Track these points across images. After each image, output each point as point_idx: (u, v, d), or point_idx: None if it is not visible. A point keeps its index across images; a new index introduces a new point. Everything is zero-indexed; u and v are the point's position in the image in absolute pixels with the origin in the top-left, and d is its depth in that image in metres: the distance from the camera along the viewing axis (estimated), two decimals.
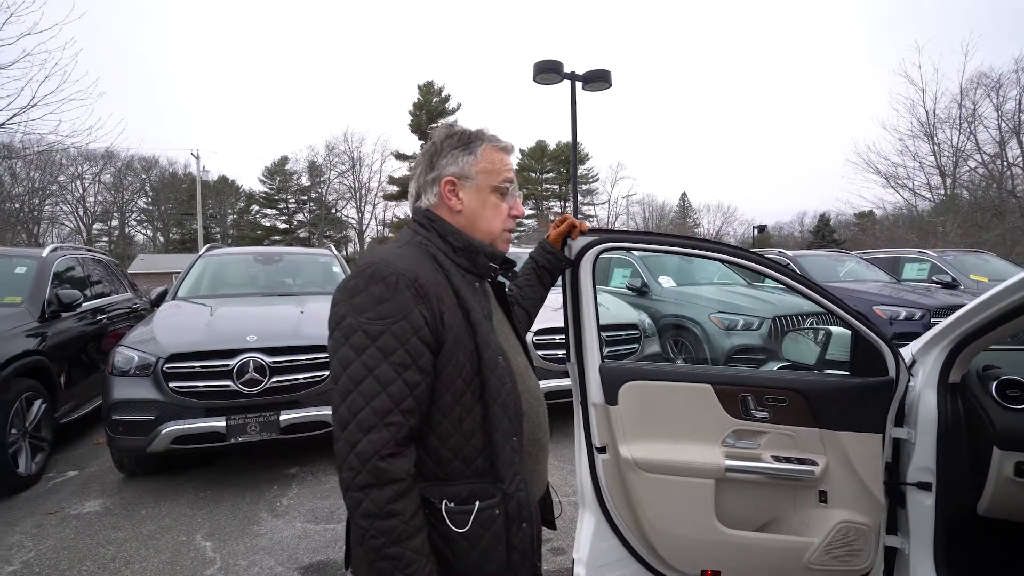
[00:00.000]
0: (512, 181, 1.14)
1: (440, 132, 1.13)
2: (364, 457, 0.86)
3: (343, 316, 0.93)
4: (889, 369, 1.63)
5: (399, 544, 0.88)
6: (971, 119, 21.01)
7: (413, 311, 0.92)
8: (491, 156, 1.11)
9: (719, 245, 1.66)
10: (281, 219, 49.16)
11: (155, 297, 4.68)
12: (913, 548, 1.64)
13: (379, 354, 0.89)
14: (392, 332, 0.90)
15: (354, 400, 0.88)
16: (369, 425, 0.87)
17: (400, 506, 0.88)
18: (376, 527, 0.87)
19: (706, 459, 1.65)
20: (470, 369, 0.98)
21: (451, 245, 1.07)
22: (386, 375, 0.89)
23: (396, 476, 0.88)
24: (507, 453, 1.00)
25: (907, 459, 1.66)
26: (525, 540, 1.01)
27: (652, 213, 51.64)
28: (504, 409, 1.00)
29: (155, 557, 2.71)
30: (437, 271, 1.01)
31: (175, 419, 3.27)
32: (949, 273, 7.46)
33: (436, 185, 1.09)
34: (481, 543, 0.97)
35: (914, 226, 22.31)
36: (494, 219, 1.12)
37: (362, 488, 0.87)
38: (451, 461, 0.98)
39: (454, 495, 0.97)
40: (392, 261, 0.95)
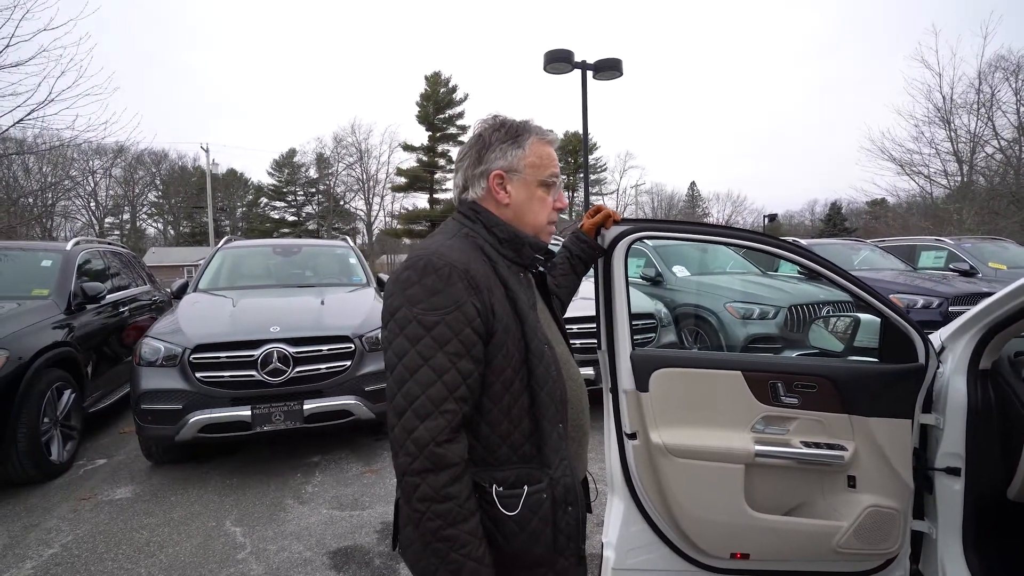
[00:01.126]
0: (558, 175, 1.15)
1: (487, 124, 1.13)
2: (421, 443, 0.89)
3: (397, 307, 0.95)
4: (919, 356, 1.64)
5: (454, 526, 0.91)
6: (989, 104, 20.58)
7: (466, 302, 0.94)
8: (539, 150, 1.12)
9: (748, 233, 1.67)
10: (290, 211, 49.42)
11: (176, 289, 4.75)
12: (941, 532, 1.66)
13: (434, 344, 0.91)
14: (446, 322, 0.92)
15: (410, 389, 0.91)
16: (426, 413, 0.90)
17: (455, 490, 0.91)
18: (433, 510, 0.90)
19: (736, 445, 1.67)
20: (518, 358, 1.00)
21: (496, 237, 1.08)
22: (441, 364, 0.91)
23: (452, 461, 0.91)
24: (554, 439, 1.02)
25: (935, 445, 1.67)
26: (571, 523, 1.04)
27: (661, 202, 51.35)
28: (551, 396, 1.02)
29: (187, 541, 2.79)
30: (485, 263, 1.03)
31: (202, 408, 3.34)
32: (967, 261, 7.38)
33: (484, 179, 1.10)
34: (529, 526, 0.99)
35: (928, 213, 21.99)
36: (540, 212, 1.13)
37: (419, 473, 0.90)
38: (500, 447, 1.01)
39: (503, 480, 1.00)
40: (444, 253, 0.97)
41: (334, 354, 3.64)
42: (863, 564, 1.74)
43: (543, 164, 1.12)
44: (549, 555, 1.02)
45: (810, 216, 50.53)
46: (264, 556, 2.65)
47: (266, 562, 2.60)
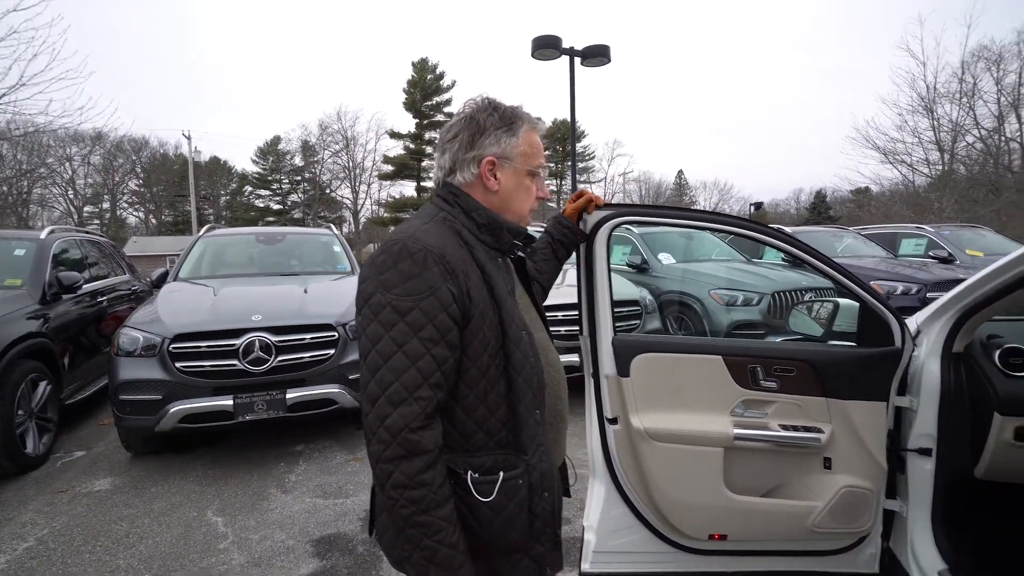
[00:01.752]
0: (544, 165, 1.14)
1: (480, 107, 1.11)
2: (394, 430, 0.89)
3: (372, 293, 0.94)
4: (895, 339, 1.66)
5: (428, 512, 0.91)
6: (971, 93, 20.88)
7: (441, 287, 0.93)
8: (530, 138, 1.11)
9: (732, 218, 1.67)
10: (275, 200, 48.72)
11: (156, 278, 4.66)
12: (911, 511, 1.70)
13: (408, 330, 0.91)
14: (421, 308, 0.91)
15: (384, 375, 0.90)
16: (399, 399, 0.89)
17: (429, 476, 0.91)
18: (406, 496, 0.90)
19: (716, 428, 1.68)
20: (495, 344, 1.00)
21: (475, 221, 1.07)
22: (415, 350, 0.90)
23: (425, 448, 0.90)
24: (531, 425, 1.02)
25: (909, 426, 1.70)
26: (547, 509, 1.05)
27: (649, 190, 51.44)
28: (528, 383, 1.02)
29: (168, 532, 2.76)
30: (462, 247, 1.02)
31: (182, 398, 3.30)
32: (945, 248, 7.49)
33: (475, 164, 1.08)
34: (505, 511, 0.99)
35: (910, 202, 22.34)
36: (526, 201, 1.13)
37: (392, 460, 0.89)
38: (476, 433, 1.00)
39: (478, 466, 1.00)
40: (420, 237, 0.96)
41: (317, 342, 3.60)
42: (837, 542, 1.77)
43: (533, 153, 1.11)
44: (525, 541, 1.02)
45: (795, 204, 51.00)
46: (246, 545, 2.63)
47: (248, 551, 2.58)
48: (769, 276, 5.61)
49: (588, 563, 1.78)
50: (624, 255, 6.73)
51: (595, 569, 1.79)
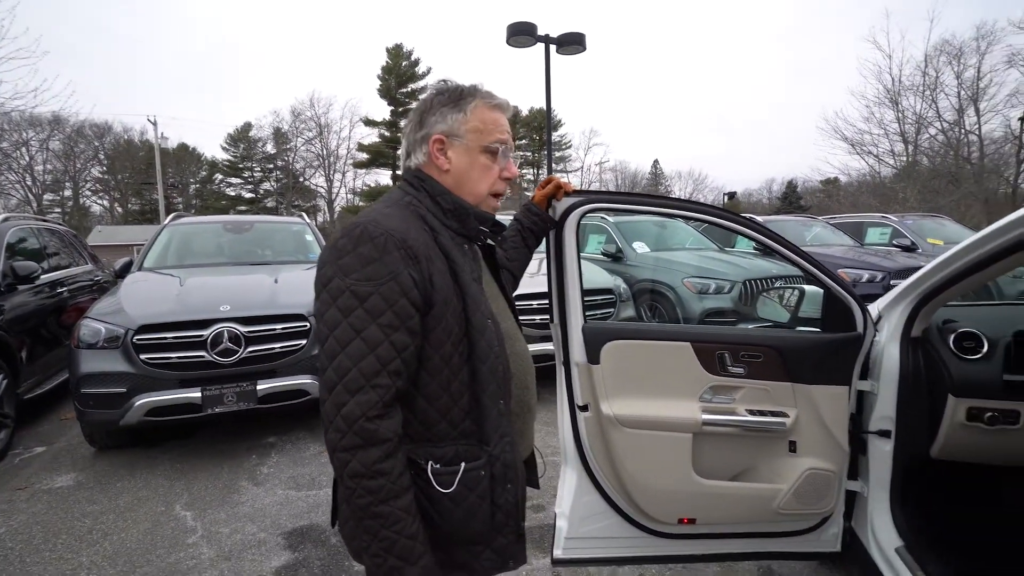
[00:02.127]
0: (504, 142, 1.10)
1: (433, 88, 1.10)
2: (351, 419, 0.87)
3: (330, 277, 0.91)
4: (857, 325, 1.70)
5: (386, 503, 0.89)
6: (933, 86, 21.53)
7: (402, 272, 0.91)
8: (483, 115, 1.07)
9: (701, 206, 1.68)
10: (247, 188, 47.51)
11: (119, 268, 4.51)
12: (871, 491, 1.76)
13: (367, 316, 0.89)
14: (380, 293, 0.89)
15: (341, 362, 0.88)
16: (356, 387, 0.87)
17: (387, 466, 0.89)
18: (363, 486, 0.88)
19: (684, 414, 1.70)
20: (459, 331, 0.98)
21: (441, 206, 1.05)
22: (374, 337, 0.88)
23: (384, 437, 0.88)
24: (494, 416, 1.01)
25: (870, 409, 1.75)
26: (510, 500, 1.03)
27: (625, 180, 51.74)
28: (492, 372, 1.00)
29: (134, 528, 2.69)
30: (426, 232, 0.99)
31: (148, 391, 3.21)
32: (908, 237, 7.73)
33: (425, 144, 1.06)
34: (466, 503, 0.98)
35: (876, 192, 22.98)
36: (481, 180, 1.09)
37: (349, 449, 0.88)
38: (438, 422, 0.99)
39: (440, 456, 0.99)
40: (381, 221, 0.93)
41: (288, 333, 3.54)
42: (801, 523, 1.82)
43: (487, 129, 1.07)
44: (487, 532, 1.02)
45: (768, 194, 51.94)
46: (216, 539, 2.59)
47: (218, 545, 2.54)
48: (740, 264, 5.71)
49: (560, 549, 1.80)
50: (599, 244, 6.77)
51: (567, 555, 1.80)
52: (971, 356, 1.66)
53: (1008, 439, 1.64)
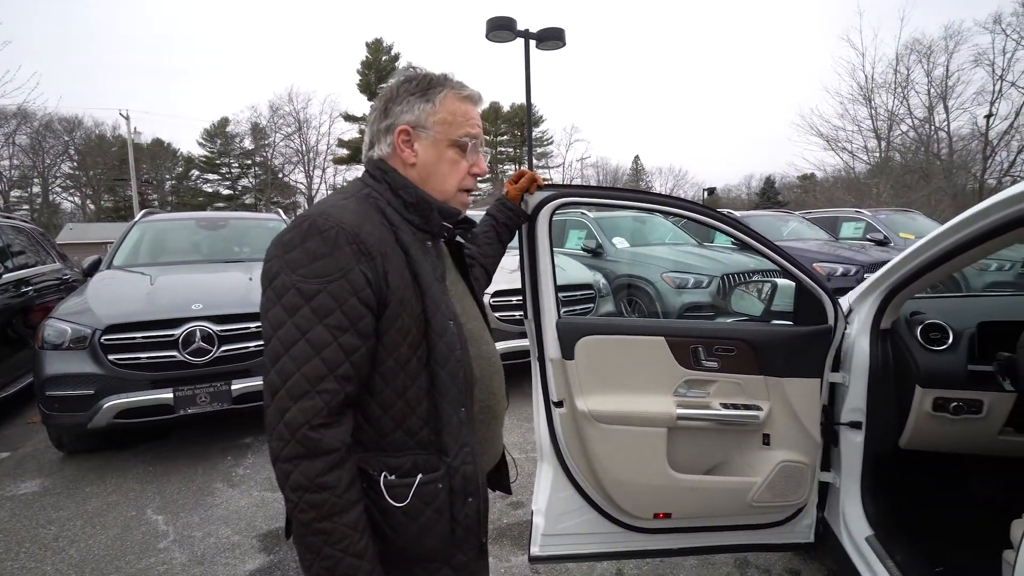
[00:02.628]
0: (475, 136, 1.04)
1: (399, 75, 1.04)
2: (294, 427, 0.81)
3: (276, 273, 0.85)
4: (829, 318, 1.72)
5: (330, 519, 0.83)
6: (905, 84, 22.05)
7: (353, 269, 0.85)
8: (452, 106, 1.01)
9: (673, 199, 1.68)
10: (224, 184, 46.67)
11: (87, 267, 4.38)
12: (843, 482, 1.78)
13: (313, 316, 0.82)
14: (329, 291, 0.83)
15: (285, 365, 0.82)
16: (300, 392, 0.81)
17: (332, 478, 0.83)
18: (306, 500, 0.82)
19: (659, 409, 1.70)
20: (416, 334, 0.92)
21: (403, 200, 0.98)
22: (320, 338, 0.82)
23: (329, 447, 0.82)
24: (454, 424, 0.95)
25: (841, 401, 1.77)
26: (471, 515, 0.97)
27: (606, 176, 51.97)
28: (452, 377, 0.94)
29: (102, 534, 2.62)
30: (384, 227, 0.93)
31: (117, 393, 3.12)
32: (881, 231, 7.89)
33: (390, 134, 1.00)
34: (421, 517, 0.93)
35: (851, 187, 23.45)
36: (450, 176, 1.03)
37: (291, 459, 0.81)
38: (394, 431, 0.92)
39: (396, 467, 0.92)
40: (333, 214, 0.87)
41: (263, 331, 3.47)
42: (775, 515, 1.84)
43: (456, 122, 1.01)
44: (444, 549, 0.96)
45: (747, 190, 52.59)
46: (188, 543, 2.53)
47: (190, 549, 2.48)
48: (719, 259, 5.77)
49: (537, 547, 1.79)
50: (579, 239, 6.78)
51: (544, 552, 1.79)
52: (937, 347, 1.69)
53: (972, 428, 1.67)
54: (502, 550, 2.43)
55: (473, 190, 1.10)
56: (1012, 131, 19.89)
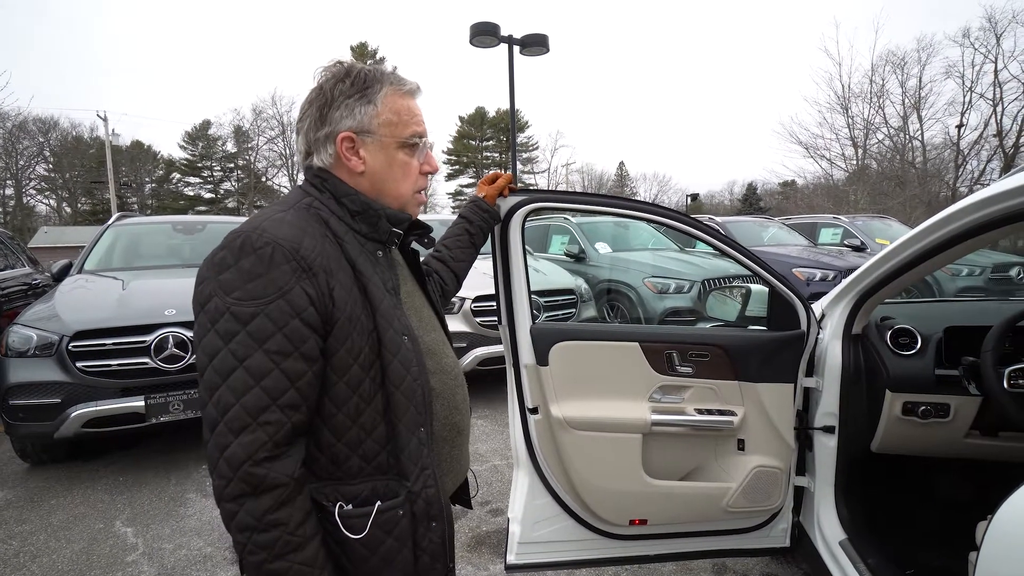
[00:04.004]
0: (423, 134, 0.97)
1: (330, 75, 0.93)
2: (235, 463, 0.74)
3: (208, 296, 0.78)
4: (801, 323, 1.73)
5: (283, 558, 0.77)
6: (880, 94, 22.62)
7: (294, 288, 0.78)
8: (395, 104, 0.93)
9: (645, 205, 1.68)
10: (206, 188, 45.97)
11: (57, 271, 4.27)
12: (818, 486, 1.79)
13: (251, 341, 0.76)
14: (267, 314, 0.77)
15: (222, 396, 0.75)
16: (240, 426, 0.75)
17: (283, 515, 0.77)
18: (255, 541, 0.76)
19: (634, 415, 1.70)
20: (369, 353, 0.86)
21: (347, 209, 0.92)
22: (260, 366, 0.76)
23: (276, 482, 0.76)
24: (413, 446, 0.90)
25: (815, 406, 1.79)
26: (435, 540, 0.93)
27: (591, 182, 52.29)
28: (409, 397, 0.89)
29: (67, 548, 2.54)
30: (328, 239, 0.87)
31: (86, 401, 3.03)
32: (858, 237, 8.04)
33: (330, 143, 0.92)
34: (382, 548, 0.87)
35: (830, 194, 23.93)
36: (403, 180, 0.96)
37: (235, 498, 0.75)
38: (348, 458, 0.87)
39: (353, 495, 0.87)
40: (268, 229, 0.80)
41: None
42: (751, 520, 1.85)
43: (402, 121, 0.94)
44: None
45: (729, 196, 53.28)
46: (158, 556, 2.47)
47: (160, 562, 2.42)
48: (700, 265, 5.82)
49: (513, 555, 1.77)
50: (562, 244, 6.80)
51: (520, 561, 1.78)
52: (906, 352, 1.71)
53: (940, 431, 1.70)
54: (480, 558, 2.41)
55: (426, 189, 1.05)
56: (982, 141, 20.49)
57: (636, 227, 7.14)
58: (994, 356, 1.44)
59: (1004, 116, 19.73)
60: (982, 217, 1.20)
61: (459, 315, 4.29)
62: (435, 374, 0.98)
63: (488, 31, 8.53)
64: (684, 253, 6.61)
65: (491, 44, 8.81)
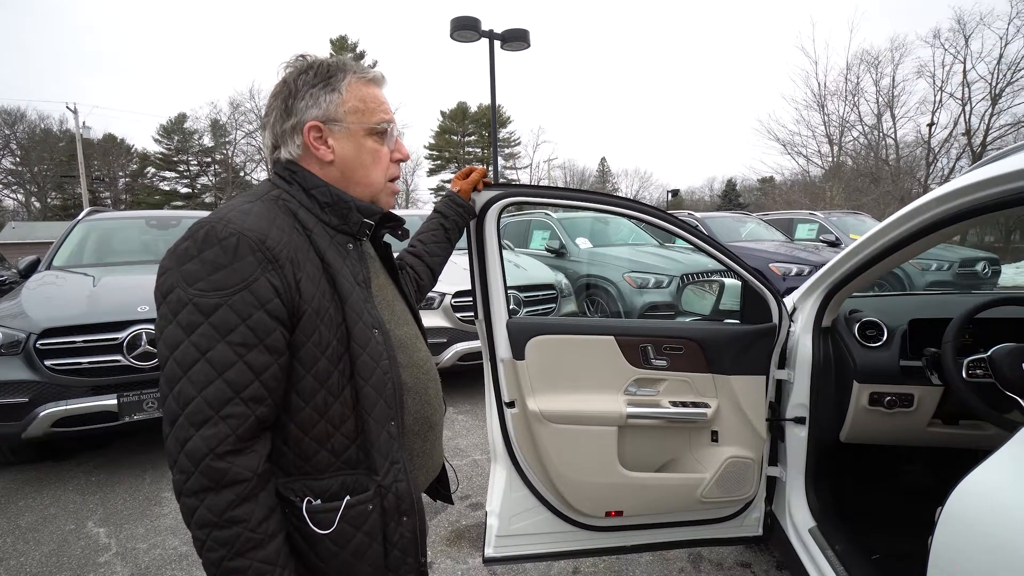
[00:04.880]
0: (391, 120, 0.97)
1: (294, 68, 0.93)
2: (196, 457, 0.73)
3: (171, 287, 0.77)
4: (773, 316, 1.76)
5: (244, 555, 0.76)
6: (855, 92, 23.08)
7: (259, 279, 0.78)
8: (360, 91, 0.93)
9: (616, 199, 1.70)
10: (182, 183, 45.01)
11: (24, 267, 4.15)
12: (789, 476, 1.83)
13: (214, 332, 0.75)
14: (231, 305, 0.76)
15: (183, 389, 0.75)
16: (202, 419, 0.74)
17: (243, 512, 0.76)
18: (214, 537, 0.75)
19: (609, 408, 1.72)
20: (337, 345, 0.86)
21: (317, 200, 0.91)
22: (223, 358, 0.75)
23: (237, 477, 0.75)
24: (383, 440, 0.89)
25: (787, 397, 1.83)
26: (406, 535, 0.93)
27: (573, 177, 52.45)
28: (379, 390, 0.89)
29: (36, 550, 2.48)
30: (296, 231, 0.86)
31: (54, 400, 2.96)
32: (833, 232, 8.21)
33: (297, 133, 0.91)
34: (352, 543, 0.87)
35: (807, 191, 24.35)
36: (374, 167, 0.96)
37: (195, 493, 0.74)
38: (316, 452, 0.86)
39: (322, 490, 0.87)
40: (234, 219, 0.80)
41: None
42: (724, 510, 1.88)
43: (368, 108, 0.93)
44: (378, 574, 0.91)
45: (709, 192, 53.91)
46: (132, 556, 2.42)
47: (133, 562, 2.38)
48: (679, 260, 5.89)
49: (492, 548, 1.78)
50: (543, 240, 6.82)
51: (498, 554, 1.79)
52: (873, 344, 1.76)
53: (905, 421, 1.75)
54: (460, 552, 2.42)
55: (398, 178, 1.04)
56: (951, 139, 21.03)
57: (616, 223, 7.19)
58: (954, 347, 1.49)
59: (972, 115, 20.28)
60: (946, 211, 1.23)
61: (439, 310, 4.28)
62: (406, 368, 0.98)
63: (468, 25, 8.49)
64: (663, 248, 6.68)
65: (472, 39, 8.77)
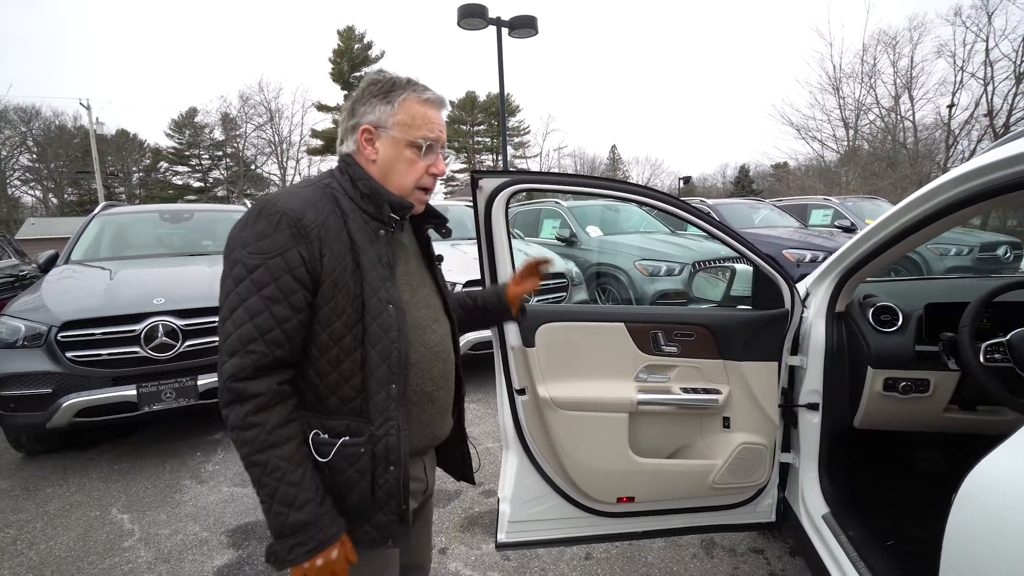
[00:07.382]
0: (434, 139, 1.12)
1: (367, 78, 1.13)
2: (224, 377, 0.94)
3: (231, 248, 0.98)
4: (785, 302, 1.75)
5: (263, 452, 0.94)
6: (871, 74, 22.52)
7: (291, 250, 0.96)
8: (412, 108, 1.09)
9: (625, 185, 1.68)
10: (195, 176, 45.36)
11: (44, 262, 4.24)
12: (802, 462, 1.83)
13: (252, 286, 0.95)
14: (267, 267, 0.95)
15: (227, 326, 0.96)
16: (233, 350, 0.94)
17: (259, 418, 0.94)
18: (240, 437, 0.94)
19: (620, 394, 1.72)
20: (352, 313, 1.01)
21: (359, 190, 1.08)
22: (255, 306, 0.95)
23: (253, 392, 0.94)
24: (380, 398, 1.04)
25: (800, 383, 1.82)
26: (391, 481, 1.06)
27: (583, 165, 52.08)
28: (383, 356, 1.03)
29: (64, 535, 2.56)
30: (334, 214, 1.03)
31: (77, 391, 3.04)
32: (849, 218, 8.07)
33: (355, 133, 1.11)
34: (344, 475, 1.03)
35: (822, 175, 23.92)
36: (407, 174, 1.11)
37: (227, 404, 0.95)
38: (328, 396, 1.04)
39: (329, 428, 1.04)
40: (282, 199, 0.99)
41: None
42: (737, 496, 1.88)
43: (414, 124, 1.10)
44: (366, 507, 1.05)
45: (722, 178, 53.20)
46: (155, 541, 2.49)
47: (156, 547, 2.44)
48: (690, 247, 5.84)
49: (504, 533, 1.80)
50: (554, 228, 6.79)
51: (511, 539, 1.81)
52: (887, 329, 1.74)
53: (920, 406, 1.73)
54: (473, 538, 2.45)
55: (431, 189, 1.18)
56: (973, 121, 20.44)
57: (627, 210, 7.14)
58: (971, 332, 1.47)
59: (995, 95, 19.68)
60: (965, 191, 1.21)
61: None
62: (415, 346, 1.10)
63: (476, 13, 8.41)
64: (675, 236, 6.62)
65: (479, 26, 8.69)
